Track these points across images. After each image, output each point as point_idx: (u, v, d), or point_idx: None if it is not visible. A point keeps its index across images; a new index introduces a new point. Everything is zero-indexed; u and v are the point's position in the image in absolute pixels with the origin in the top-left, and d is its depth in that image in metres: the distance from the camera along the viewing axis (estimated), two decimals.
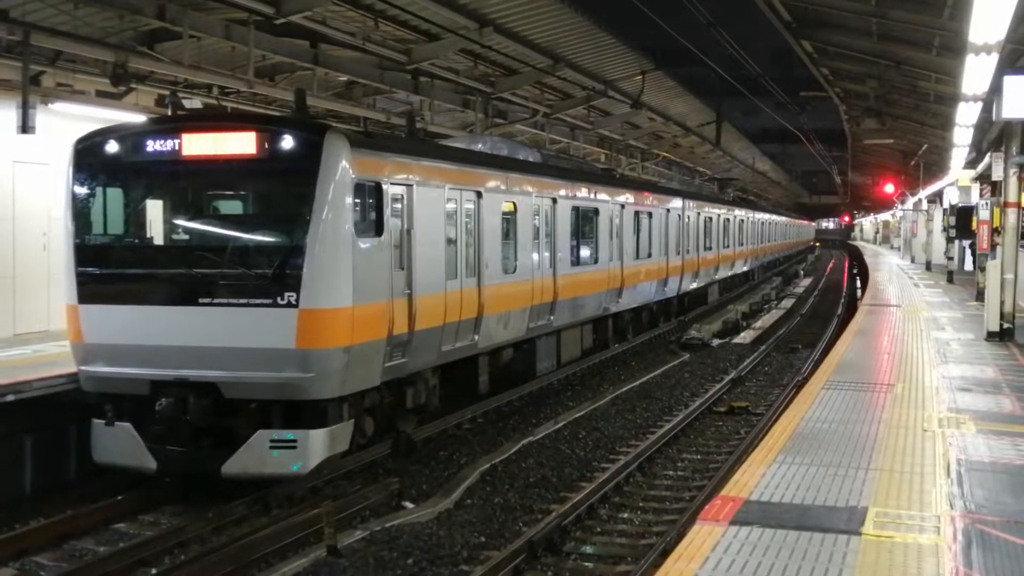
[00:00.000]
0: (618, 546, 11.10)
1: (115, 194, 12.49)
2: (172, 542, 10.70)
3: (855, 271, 57.00)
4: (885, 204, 70.88)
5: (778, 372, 23.32)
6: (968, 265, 37.28)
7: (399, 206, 12.94)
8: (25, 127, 14.90)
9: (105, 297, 11.94)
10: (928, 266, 44.32)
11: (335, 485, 12.66)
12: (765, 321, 34.51)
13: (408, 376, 13.46)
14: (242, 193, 13.29)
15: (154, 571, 10.01)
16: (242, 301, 11.45)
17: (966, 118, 19.06)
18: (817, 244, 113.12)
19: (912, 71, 21.04)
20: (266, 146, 11.68)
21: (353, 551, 10.31)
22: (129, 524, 11.53)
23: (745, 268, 45.85)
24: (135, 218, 12.55)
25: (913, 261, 51.06)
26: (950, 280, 35.64)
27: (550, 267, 18.50)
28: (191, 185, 12.52)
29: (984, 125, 21.18)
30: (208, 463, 11.50)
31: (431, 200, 13.82)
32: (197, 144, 11.91)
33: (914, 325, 21.55)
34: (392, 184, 12.72)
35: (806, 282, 58.05)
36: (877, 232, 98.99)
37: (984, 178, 23.51)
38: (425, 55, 19.69)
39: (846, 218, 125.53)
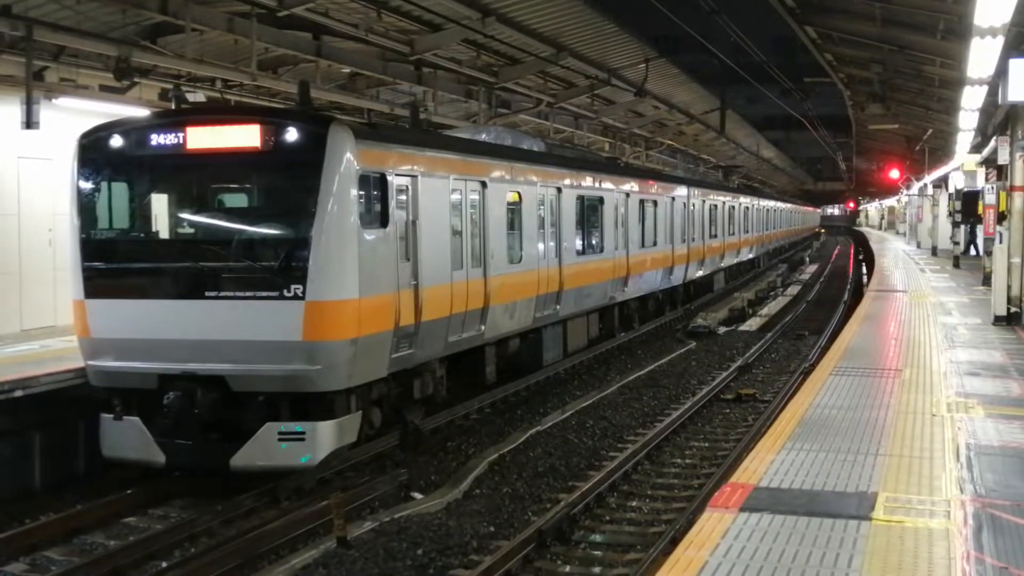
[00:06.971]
0: (627, 534, 11.11)
1: (120, 188, 12.50)
2: (182, 535, 10.73)
3: (861, 257, 56.90)
4: (890, 190, 70.72)
5: (785, 359, 23.30)
6: (974, 250, 37.19)
7: (404, 197, 12.93)
8: (29, 123, 14.89)
9: (112, 291, 11.95)
10: (934, 251, 44.20)
11: (344, 477, 12.68)
12: (771, 308, 34.45)
13: (415, 367, 13.46)
14: (247, 186, 13.24)
15: (164, 564, 10.03)
16: (248, 294, 11.46)
17: (971, 102, 18.97)
18: (822, 231, 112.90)
19: (916, 56, 20.97)
20: (270, 139, 11.66)
21: (363, 542, 10.32)
22: (139, 518, 11.56)
23: (751, 255, 45.79)
24: (140, 212, 12.54)
25: (919, 246, 50.96)
26: (956, 265, 35.55)
27: (555, 256, 18.48)
28: (196, 179, 12.49)
29: (989, 109, 21.09)
30: (216, 456, 11.51)
31: (436, 191, 13.79)
32: (201, 138, 11.90)
33: (921, 310, 21.51)
34: (397, 175, 12.70)
35: (812, 269, 57.97)
36: (882, 218, 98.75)
37: (990, 162, 23.44)
38: (428, 45, 19.64)
39: (851, 204, 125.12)
